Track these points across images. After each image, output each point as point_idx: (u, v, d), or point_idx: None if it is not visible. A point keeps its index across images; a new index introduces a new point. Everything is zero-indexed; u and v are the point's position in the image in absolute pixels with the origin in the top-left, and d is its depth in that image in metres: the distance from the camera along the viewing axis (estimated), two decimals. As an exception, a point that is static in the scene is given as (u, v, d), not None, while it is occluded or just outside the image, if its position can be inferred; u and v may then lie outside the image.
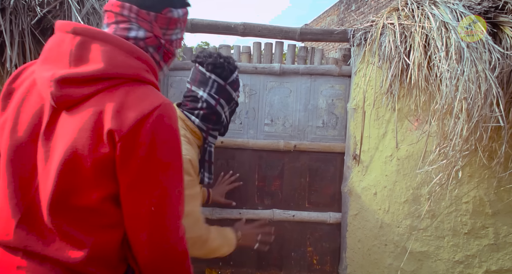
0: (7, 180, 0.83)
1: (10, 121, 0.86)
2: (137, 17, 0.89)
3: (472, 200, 1.78)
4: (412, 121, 1.85)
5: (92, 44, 0.83)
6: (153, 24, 0.91)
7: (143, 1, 0.89)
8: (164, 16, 0.92)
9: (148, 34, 0.91)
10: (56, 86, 0.80)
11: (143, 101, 0.81)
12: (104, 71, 0.81)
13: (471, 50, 1.51)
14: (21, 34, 1.57)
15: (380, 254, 1.88)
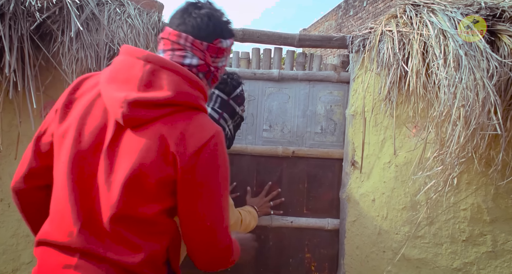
0: (68, 187, 0.91)
1: (73, 130, 0.93)
2: (192, 46, 1.00)
3: (470, 207, 1.78)
4: (410, 128, 1.85)
5: (161, 72, 0.93)
6: (205, 53, 1.02)
7: (198, 32, 1.00)
8: (214, 46, 1.03)
9: (201, 61, 1.02)
10: (127, 107, 0.89)
11: (202, 130, 0.94)
12: (171, 99, 0.92)
13: (469, 58, 1.51)
14: (20, 39, 1.57)
15: (378, 261, 1.87)
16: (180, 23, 1.01)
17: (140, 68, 0.93)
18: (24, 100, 1.71)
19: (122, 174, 0.89)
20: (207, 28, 1.01)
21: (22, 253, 1.86)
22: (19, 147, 1.81)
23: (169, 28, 1.03)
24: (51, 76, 1.79)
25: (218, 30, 1.03)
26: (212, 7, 1.05)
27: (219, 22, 1.04)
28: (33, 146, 1.03)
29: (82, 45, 1.69)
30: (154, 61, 0.93)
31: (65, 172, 0.92)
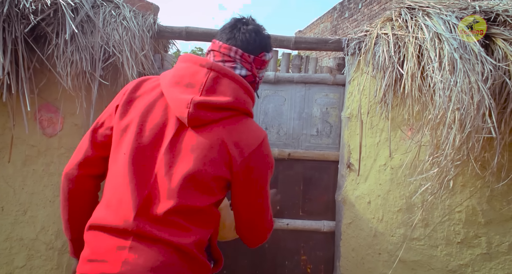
0: (129, 177, 1.01)
1: (135, 125, 1.04)
2: (241, 58, 1.13)
3: (465, 209, 1.79)
4: (406, 131, 1.86)
5: (222, 80, 1.06)
6: (252, 65, 1.15)
7: (246, 46, 1.13)
8: (260, 59, 1.17)
9: (248, 72, 1.15)
10: (193, 107, 1.02)
11: (254, 136, 1.09)
12: (231, 103, 1.05)
13: (464, 61, 1.52)
14: (14, 42, 1.55)
15: (374, 263, 1.88)
16: (229, 37, 1.14)
17: (203, 75, 1.05)
18: (18, 103, 1.70)
19: (183, 168, 1.01)
20: (254, 43, 1.14)
21: (16, 257, 1.84)
22: (12, 150, 1.80)
23: (219, 42, 1.15)
24: (45, 79, 1.78)
25: (263, 44, 1.17)
26: (256, 23, 1.19)
27: (264, 37, 1.18)
28: (90, 136, 1.13)
29: (77, 48, 1.67)
30: (216, 70, 1.06)
31: (126, 162, 1.02)
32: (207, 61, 1.07)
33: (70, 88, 1.71)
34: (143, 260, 0.96)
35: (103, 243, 1.00)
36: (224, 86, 1.06)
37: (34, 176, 1.84)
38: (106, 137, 1.11)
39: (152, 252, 0.98)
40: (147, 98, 1.08)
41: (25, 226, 1.84)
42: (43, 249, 1.84)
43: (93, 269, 0.98)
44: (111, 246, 0.98)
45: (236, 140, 1.05)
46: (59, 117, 1.84)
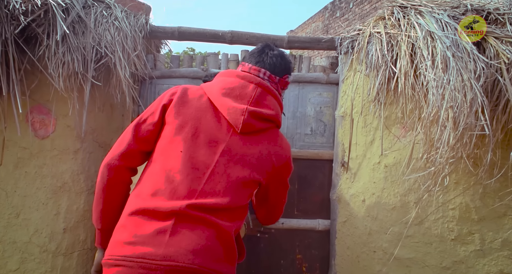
0: (186, 172, 1.11)
1: (191, 127, 1.17)
2: (269, 79, 1.29)
3: (459, 206, 1.80)
4: (399, 129, 1.87)
5: (267, 96, 1.25)
6: (278, 85, 1.31)
7: (273, 69, 1.30)
8: (284, 80, 1.34)
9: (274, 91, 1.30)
10: (248, 115, 1.18)
11: (286, 148, 1.31)
12: (274, 116, 1.25)
13: (457, 59, 1.53)
14: (4, 43, 1.53)
15: (369, 261, 1.88)
16: (258, 60, 1.30)
17: (251, 89, 1.22)
18: (9, 105, 1.68)
19: (238, 171, 1.15)
20: (280, 66, 1.30)
21: (9, 260, 1.82)
22: (4, 152, 1.77)
23: (249, 64, 1.31)
24: (37, 80, 1.76)
25: (287, 68, 1.34)
26: (280, 49, 1.38)
27: (288, 61, 1.35)
28: (133, 130, 1.21)
29: (68, 48, 1.65)
30: (263, 86, 1.25)
31: (180, 158, 1.12)
32: (255, 78, 1.25)
33: (62, 89, 1.69)
34: (186, 243, 1.02)
35: (145, 226, 1.04)
36: (268, 101, 1.24)
37: (26, 179, 1.82)
38: (148, 132, 1.20)
39: (194, 235, 1.04)
40: (198, 104, 1.21)
41: (18, 229, 1.82)
42: (36, 252, 1.82)
43: (133, 250, 1.00)
44: (153, 229, 1.03)
45: (276, 151, 1.25)
46: (51, 119, 1.81)
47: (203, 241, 1.04)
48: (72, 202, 1.85)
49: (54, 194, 1.84)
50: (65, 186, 1.85)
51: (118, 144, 1.22)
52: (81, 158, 1.87)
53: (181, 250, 1.00)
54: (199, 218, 1.06)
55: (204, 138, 1.16)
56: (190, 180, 1.10)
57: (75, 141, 1.85)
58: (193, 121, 1.17)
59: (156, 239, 1.01)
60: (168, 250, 0.99)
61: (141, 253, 0.99)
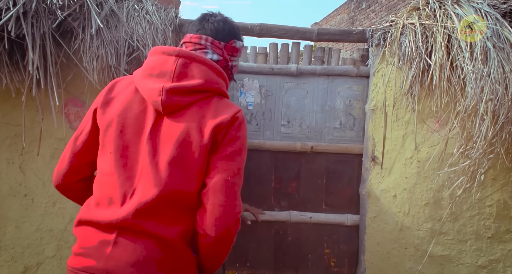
0: (117, 174, 1.03)
1: (116, 124, 1.07)
2: (212, 45, 1.17)
3: (496, 203, 1.74)
4: (433, 123, 1.82)
5: (191, 65, 1.09)
6: (223, 51, 1.20)
7: (216, 34, 1.18)
8: (230, 45, 1.22)
9: (220, 57, 1.19)
10: (165, 94, 1.04)
11: (229, 109, 1.11)
12: (203, 85, 1.08)
13: (498, 50, 1.47)
14: (42, 37, 1.58)
15: (400, 258, 1.85)
16: (199, 28, 1.19)
17: (172, 63, 1.07)
18: (46, 97, 1.73)
19: (166, 155, 1.02)
20: (223, 31, 1.19)
21: (46, 247, 1.89)
22: (41, 143, 1.84)
23: (190, 34, 1.20)
24: (72, 73, 1.80)
25: (232, 32, 1.22)
26: (223, 15, 1.25)
27: (232, 26, 1.24)
28: (71, 146, 1.15)
29: (102, 42, 1.69)
30: (185, 56, 1.09)
31: (112, 160, 1.04)
32: (174, 49, 1.10)
33: (96, 82, 1.73)
34: (127, 255, 0.97)
35: (90, 237, 1.01)
36: (194, 70, 1.09)
37: (62, 169, 1.88)
38: (84, 143, 1.14)
39: (137, 246, 0.98)
40: (124, 97, 1.11)
41: (54, 217, 1.88)
42: (71, 239, 1.88)
43: (79, 263, 1.00)
44: (97, 241, 1.00)
45: (214, 114, 1.07)
46: (86, 111, 1.86)
47: (146, 252, 0.99)
48: (105, 193, 1.90)
49: (88, 185, 1.89)
50: (98, 177, 1.90)
51: (60, 162, 1.17)
52: (113, 150, 1.91)
53: (121, 263, 0.97)
54: (141, 228, 1.00)
55: (131, 132, 1.06)
56: (122, 183, 1.03)
57: (107, 133, 1.90)
58: (118, 117, 1.08)
59: (99, 252, 0.98)
60: (108, 264, 0.97)
61: (83, 267, 0.99)
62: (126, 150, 1.05)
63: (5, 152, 1.86)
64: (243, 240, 2.08)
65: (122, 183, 1.02)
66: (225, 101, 1.13)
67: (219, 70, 1.14)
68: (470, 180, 1.67)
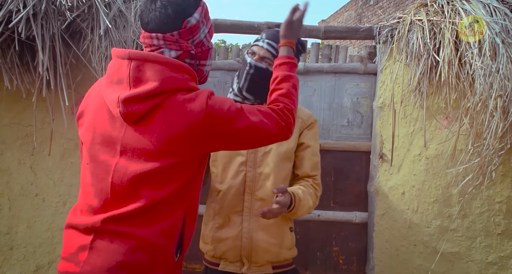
0: (95, 183, 1.02)
1: (89, 135, 1.04)
2: (165, 42, 1.01)
3: (506, 200, 1.73)
4: (441, 119, 1.81)
5: (144, 66, 0.98)
6: (179, 41, 1.02)
7: (163, 26, 1.00)
8: (185, 29, 1.02)
9: (179, 52, 1.03)
10: (122, 105, 0.96)
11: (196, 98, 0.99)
12: (158, 88, 0.97)
13: (507, 46, 1.46)
14: (51, 38, 1.60)
15: (409, 255, 1.85)
16: (146, 22, 1.03)
17: (126, 67, 0.98)
18: (56, 98, 1.75)
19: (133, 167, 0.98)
20: (168, 19, 1.00)
21: (57, 246, 1.91)
22: (52, 143, 1.86)
23: (142, 31, 1.06)
24: (81, 74, 1.82)
25: (179, 13, 1.01)
26: None
27: (176, 4, 1.02)
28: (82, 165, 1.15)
29: (110, 42, 1.70)
30: (136, 58, 0.98)
31: (88, 171, 1.03)
32: (125, 52, 0.99)
33: (105, 82, 1.74)
34: (101, 260, 0.96)
35: (72, 241, 1.01)
36: (147, 73, 0.98)
37: (72, 169, 1.90)
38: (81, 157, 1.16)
39: (112, 251, 0.97)
40: (94, 105, 1.06)
41: (65, 216, 1.88)
42: (82, 239, 1.91)
43: (61, 267, 1.01)
44: (77, 246, 0.99)
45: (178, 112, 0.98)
46: (95, 111, 1.88)
47: (121, 257, 0.97)
48: (115, 192, 1.92)
49: (98, 184, 1.92)
50: (108, 176, 1.92)
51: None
52: (122, 149, 1.93)
53: (95, 269, 0.96)
54: (116, 232, 0.98)
55: (101, 142, 1.02)
56: (99, 191, 1.01)
57: (117, 132, 1.91)
58: (90, 128, 1.04)
59: (77, 256, 0.98)
60: (84, 269, 0.96)
61: (64, 272, 0.99)
62: (98, 161, 1.03)
63: (17, 153, 1.89)
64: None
65: (100, 193, 1.01)
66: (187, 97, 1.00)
67: (178, 65, 1.01)
68: (480, 176, 1.66)
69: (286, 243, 1.33)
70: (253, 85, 1.31)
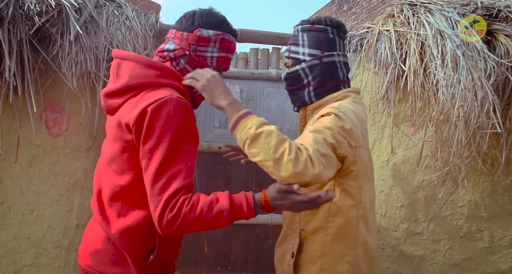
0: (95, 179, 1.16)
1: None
2: (174, 36, 1.15)
3: (468, 204, 1.81)
4: (408, 127, 1.88)
5: (122, 64, 1.09)
6: (183, 40, 1.14)
7: (180, 25, 1.16)
8: (194, 35, 1.14)
9: (177, 47, 1.13)
10: (103, 99, 1.10)
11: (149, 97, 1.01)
12: (127, 83, 1.06)
13: (467, 58, 1.54)
14: (19, 43, 1.56)
15: (377, 258, 1.90)
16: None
17: (113, 64, 1.11)
18: (24, 104, 1.71)
19: (104, 153, 1.11)
20: (187, 21, 1.15)
21: (24, 256, 1.86)
22: (19, 150, 1.81)
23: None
24: (50, 79, 1.78)
25: (198, 21, 1.14)
26: (198, 8, 1.19)
27: (201, 15, 1.15)
28: None
29: (81, 48, 1.68)
30: (118, 56, 1.11)
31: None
32: (114, 51, 1.13)
33: (75, 88, 1.72)
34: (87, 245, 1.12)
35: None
36: (122, 69, 1.08)
37: (40, 176, 1.86)
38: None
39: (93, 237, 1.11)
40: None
41: (32, 225, 1.86)
42: (50, 247, 1.86)
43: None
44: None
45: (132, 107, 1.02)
46: (64, 117, 1.84)
47: (96, 243, 1.09)
48: (85, 199, 1.89)
49: (67, 191, 1.88)
50: (77, 183, 1.89)
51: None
52: (93, 155, 1.90)
53: (84, 252, 1.11)
54: (97, 220, 1.10)
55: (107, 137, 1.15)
56: (96, 180, 1.15)
57: (87, 139, 1.88)
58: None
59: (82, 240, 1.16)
60: (80, 251, 1.13)
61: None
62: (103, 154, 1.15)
63: (-19, 159, 1.82)
64: (224, 244, 2.10)
65: (96, 181, 1.15)
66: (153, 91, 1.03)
67: (148, 62, 1.07)
68: (444, 182, 1.73)
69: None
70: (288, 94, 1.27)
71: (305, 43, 1.18)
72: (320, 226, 1.09)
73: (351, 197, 1.08)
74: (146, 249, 1.07)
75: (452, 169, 1.67)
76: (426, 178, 1.81)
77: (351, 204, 1.08)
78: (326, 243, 1.09)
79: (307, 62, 1.16)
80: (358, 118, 1.08)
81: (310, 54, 1.16)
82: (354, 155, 1.06)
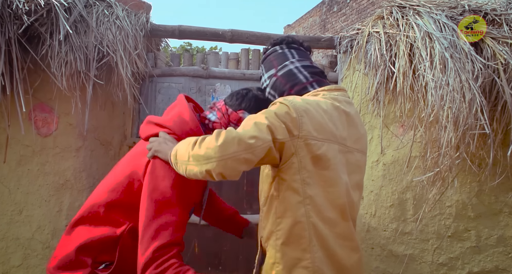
0: None
1: None
2: (220, 108, 1.25)
3: (455, 204, 1.84)
4: (398, 127, 1.90)
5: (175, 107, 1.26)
6: (225, 115, 1.24)
7: (229, 100, 1.25)
8: (236, 114, 1.23)
9: (217, 120, 1.24)
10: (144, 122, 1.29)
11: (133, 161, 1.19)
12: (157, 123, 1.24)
13: (455, 60, 1.56)
14: (7, 42, 1.54)
15: (367, 258, 1.92)
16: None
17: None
18: (12, 104, 1.69)
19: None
20: (237, 100, 1.24)
21: (12, 256, 1.84)
22: (8, 150, 1.79)
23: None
24: (39, 79, 1.77)
25: (246, 104, 1.23)
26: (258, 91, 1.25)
27: (250, 99, 1.23)
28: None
29: (71, 48, 1.67)
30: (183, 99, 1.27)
31: None
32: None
33: (65, 88, 1.70)
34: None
35: None
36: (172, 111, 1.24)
37: (29, 176, 1.84)
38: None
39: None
40: None
41: (21, 225, 1.84)
42: (39, 248, 1.85)
43: None
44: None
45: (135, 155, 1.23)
46: (54, 117, 1.83)
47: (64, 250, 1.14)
48: (74, 199, 1.87)
49: (57, 192, 1.86)
50: (67, 183, 1.87)
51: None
52: (83, 156, 1.88)
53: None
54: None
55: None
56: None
57: (77, 139, 1.87)
58: None
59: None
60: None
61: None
62: None
63: (-31, 159, 1.80)
64: (215, 244, 2.10)
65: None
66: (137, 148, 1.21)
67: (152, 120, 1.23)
68: (434, 182, 1.75)
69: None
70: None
71: (264, 71, 1.23)
72: (271, 230, 1.02)
73: (296, 193, 0.99)
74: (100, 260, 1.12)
75: (443, 169, 1.70)
76: (416, 179, 1.84)
77: (297, 200, 0.99)
78: (277, 248, 0.99)
79: (268, 84, 1.20)
80: (315, 110, 1.02)
81: (269, 76, 1.20)
82: (295, 145, 0.98)
